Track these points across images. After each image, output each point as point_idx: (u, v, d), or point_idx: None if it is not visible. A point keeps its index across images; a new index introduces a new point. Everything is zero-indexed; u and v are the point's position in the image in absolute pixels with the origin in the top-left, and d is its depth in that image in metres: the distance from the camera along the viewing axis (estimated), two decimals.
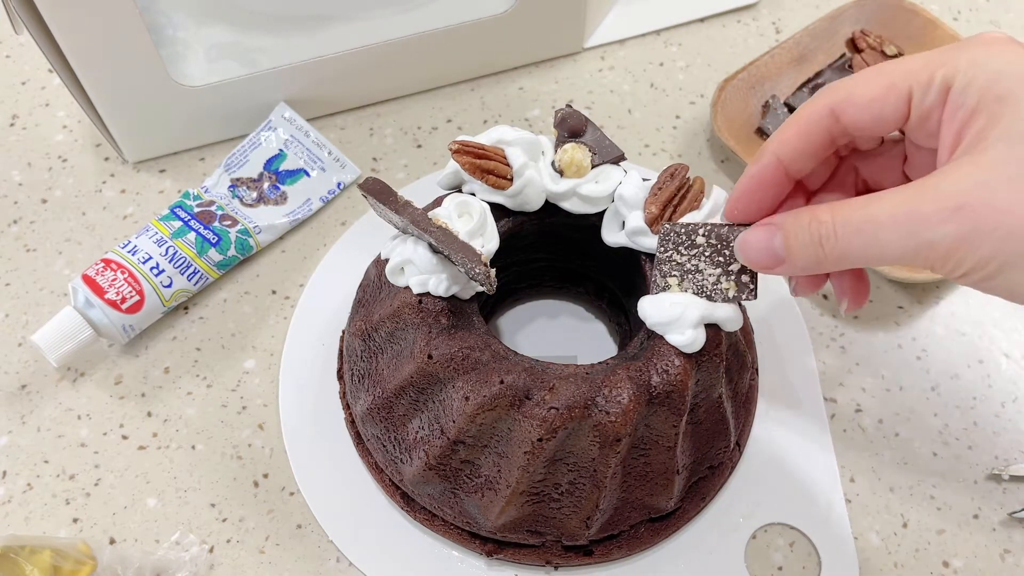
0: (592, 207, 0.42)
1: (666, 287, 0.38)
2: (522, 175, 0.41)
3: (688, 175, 0.42)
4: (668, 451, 0.41)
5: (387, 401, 0.42)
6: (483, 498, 0.41)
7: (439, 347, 0.39)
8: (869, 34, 0.61)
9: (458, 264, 0.38)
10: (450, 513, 0.43)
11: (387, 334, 0.42)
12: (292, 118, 0.57)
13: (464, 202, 0.40)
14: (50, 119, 0.60)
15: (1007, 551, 0.46)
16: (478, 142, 0.42)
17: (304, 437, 0.48)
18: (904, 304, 0.53)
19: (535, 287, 0.52)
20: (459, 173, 0.42)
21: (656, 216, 0.40)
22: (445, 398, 0.40)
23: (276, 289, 0.53)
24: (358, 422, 0.45)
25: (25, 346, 0.51)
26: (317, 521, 0.46)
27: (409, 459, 0.43)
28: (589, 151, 0.42)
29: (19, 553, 0.40)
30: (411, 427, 0.42)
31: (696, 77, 0.63)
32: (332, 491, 0.46)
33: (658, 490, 0.42)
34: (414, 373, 0.40)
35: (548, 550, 0.44)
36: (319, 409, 0.48)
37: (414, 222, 0.38)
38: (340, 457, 0.47)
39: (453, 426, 0.39)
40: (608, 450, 0.39)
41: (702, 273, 0.38)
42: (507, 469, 0.40)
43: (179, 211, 0.52)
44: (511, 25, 0.58)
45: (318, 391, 0.49)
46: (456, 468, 0.41)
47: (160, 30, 0.57)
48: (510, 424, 0.39)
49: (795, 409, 0.49)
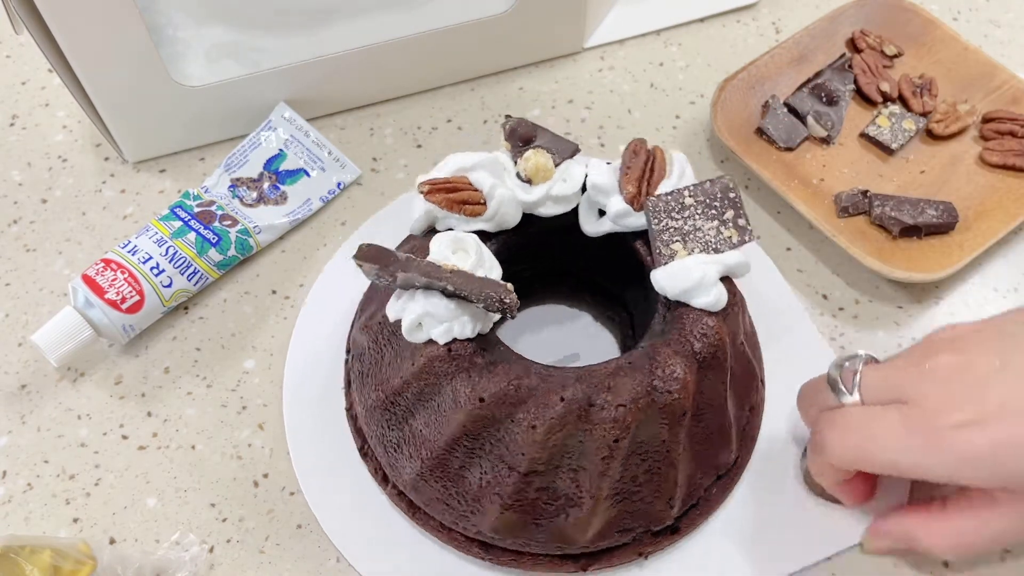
0: (566, 206, 0.43)
1: (672, 254, 0.40)
2: (494, 196, 0.41)
3: (648, 146, 0.43)
4: (721, 408, 0.42)
5: (439, 460, 0.41)
6: (568, 518, 0.41)
7: (487, 387, 0.38)
8: (869, 34, 0.61)
9: (476, 301, 0.37)
10: (537, 546, 0.42)
11: (415, 394, 0.41)
12: (292, 118, 0.57)
13: (455, 239, 0.40)
14: (50, 119, 0.60)
15: (1007, 551, 0.46)
16: (442, 176, 0.41)
17: (307, 438, 0.48)
18: (904, 304, 0.53)
19: (524, 297, 0.52)
20: (431, 213, 0.41)
21: (635, 194, 0.41)
22: (505, 435, 0.39)
23: (276, 289, 0.53)
24: (407, 491, 0.43)
25: (25, 346, 0.51)
26: (318, 522, 0.46)
27: (480, 508, 0.41)
28: (548, 153, 0.42)
29: (19, 553, 0.40)
30: (472, 477, 0.41)
31: (696, 77, 0.63)
32: (336, 497, 0.46)
33: (721, 448, 0.43)
34: (466, 422, 0.39)
35: (639, 542, 0.44)
36: (324, 411, 0.48)
37: (425, 274, 0.37)
38: (344, 461, 0.47)
39: (523, 459, 0.39)
40: (677, 428, 0.39)
41: (701, 230, 0.40)
42: (586, 481, 0.39)
43: (179, 211, 0.52)
44: (511, 25, 0.58)
45: (322, 393, 0.49)
46: (533, 499, 0.40)
47: (160, 30, 0.57)
48: (580, 437, 0.38)
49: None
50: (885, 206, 0.53)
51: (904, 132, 0.58)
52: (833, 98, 0.58)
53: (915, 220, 0.52)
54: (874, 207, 0.54)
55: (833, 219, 0.54)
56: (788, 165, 0.56)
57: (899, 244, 0.53)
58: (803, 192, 0.55)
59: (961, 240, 0.53)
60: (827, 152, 0.58)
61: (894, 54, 0.61)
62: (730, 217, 0.40)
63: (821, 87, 0.58)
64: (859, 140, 0.58)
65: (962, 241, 0.53)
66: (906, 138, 0.58)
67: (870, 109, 0.59)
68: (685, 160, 0.42)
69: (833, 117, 0.58)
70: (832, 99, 0.58)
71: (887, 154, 0.58)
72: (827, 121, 0.57)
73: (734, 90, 0.58)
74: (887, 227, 0.53)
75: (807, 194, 0.55)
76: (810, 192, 0.55)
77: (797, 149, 0.57)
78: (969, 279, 0.54)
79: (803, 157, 0.57)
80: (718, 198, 0.40)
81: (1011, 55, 0.64)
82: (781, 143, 0.57)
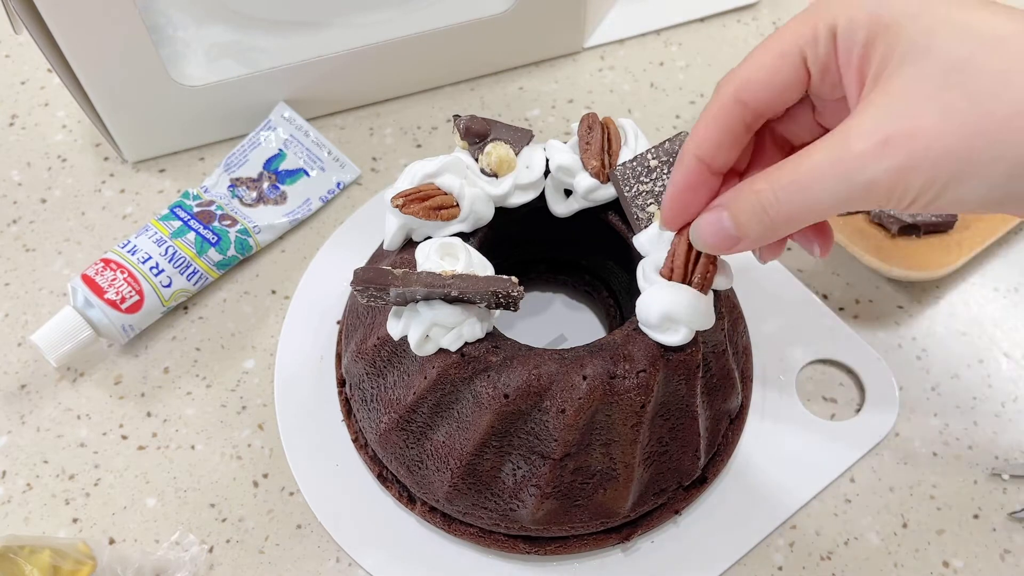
0: (533, 192, 0.43)
1: (649, 217, 0.40)
2: (465, 196, 0.41)
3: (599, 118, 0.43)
4: (724, 354, 0.43)
5: (469, 466, 0.41)
6: (605, 492, 0.41)
7: (509, 382, 0.38)
8: None
9: (480, 301, 0.37)
10: (581, 526, 0.42)
11: (432, 407, 0.40)
12: (292, 118, 0.57)
13: (442, 245, 0.39)
14: (50, 119, 0.60)
15: (1007, 551, 0.46)
16: (412, 187, 0.41)
17: (302, 436, 0.48)
18: (904, 304, 0.53)
19: None
20: (406, 226, 0.41)
21: (599, 167, 0.42)
22: (534, 426, 0.39)
23: (276, 289, 0.53)
24: (441, 504, 0.43)
25: (25, 346, 0.51)
26: (318, 521, 0.46)
27: (519, 504, 0.41)
28: (507, 144, 0.43)
29: (19, 553, 0.40)
30: (505, 475, 0.41)
31: (696, 77, 0.63)
32: (336, 497, 0.46)
33: (729, 393, 0.44)
34: (493, 422, 0.39)
35: (672, 501, 0.44)
36: (318, 408, 0.48)
37: (427, 285, 0.37)
38: (339, 456, 0.47)
39: (556, 445, 0.39)
40: (693, 381, 0.40)
41: None
42: (618, 452, 0.40)
43: (179, 211, 0.52)
44: (511, 25, 0.58)
45: (315, 388, 0.49)
46: (569, 482, 0.40)
47: (160, 30, 0.57)
48: (607, 411, 0.39)
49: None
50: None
51: None
52: None
53: (914, 219, 0.52)
54: None
55: (832, 218, 0.54)
56: None
57: (898, 243, 0.53)
58: None
59: (960, 239, 0.53)
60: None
61: None
62: None
63: None
64: None
65: (961, 240, 0.53)
66: None
67: None
68: (635, 125, 0.43)
69: None
70: None
71: None
72: None
73: None
74: (886, 225, 0.53)
75: None
76: None
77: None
78: (969, 278, 0.54)
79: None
80: (678, 154, 0.41)
81: None
82: None
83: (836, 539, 0.46)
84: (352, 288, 0.37)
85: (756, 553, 0.46)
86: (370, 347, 0.42)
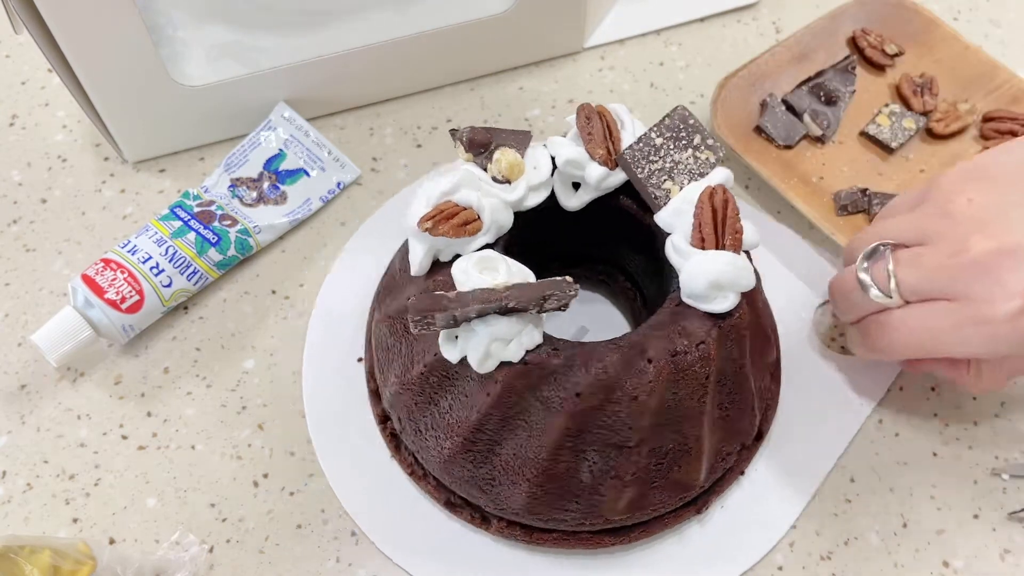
0: (544, 192, 0.43)
1: (667, 193, 0.41)
2: (485, 207, 0.40)
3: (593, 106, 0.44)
4: (760, 313, 0.45)
5: (547, 472, 0.40)
6: (680, 469, 0.42)
7: (579, 381, 0.38)
8: (870, 33, 0.61)
9: (534, 308, 0.37)
10: (660, 506, 0.43)
11: (499, 423, 0.40)
12: (292, 118, 0.57)
13: (480, 260, 0.39)
14: (50, 119, 0.60)
15: (1007, 551, 0.46)
16: (436, 208, 0.40)
17: (354, 481, 0.47)
18: None
19: None
20: (432, 249, 0.41)
21: (606, 155, 0.42)
22: (607, 419, 0.39)
23: (276, 289, 0.53)
24: (522, 516, 0.43)
25: (25, 346, 0.51)
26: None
27: (600, 499, 0.41)
28: (512, 148, 0.43)
29: (19, 553, 0.40)
30: (583, 473, 0.40)
31: (696, 77, 0.63)
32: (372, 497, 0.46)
33: (767, 349, 0.46)
34: (567, 424, 0.39)
35: (737, 462, 0.46)
36: (365, 447, 0.48)
37: (483, 301, 0.36)
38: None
39: (632, 433, 0.39)
40: (743, 344, 0.41)
41: (681, 162, 0.42)
42: (689, 428, 0.40)
43: (179, 211, 0.52)
44: (511, 25, 0.58)
45: (354, 427, 0.48)
46: (645, 466, 0.41)
47: (160, 30, 0.57)
48: (674, 388, 0.39)
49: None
50: (884, 204, 0.53)
51: (904, 131, 0.58)
52: (832, 98, 0.58)
53: None
54: (873, 205, 0.54)
55: (832, 217, 0.54)
56: (787, 163, 0.56)
57: None
58: (802, 190, 0.55)
59: None
60: (826, 150, 0.58)
61: (895, 53, 0.61)
62: (699, 141, 0.42)
63: (821, 86, 0.58)
64: (859, 138, 0.58)
65: None
66: (906, 137, 0.57)
67: (870, 109, 0.59)
68: (626, 109, 0.44)
69: (830, 116, 0.58)
70: (831, 99, 0.58)
71: (887, 153, 0.58)
72: (823, 120, 0.57)
73: (734, 88, 0.58)
74: None
75: (806, 192, 0.55)
76: (809, 190, 0.55)
77: (796, 147, 0.57)
78: None
79: (802, 155, 0.57)
80: (681, 128, 0.42)
81: (1011, 55, 0.64)
82: (780, 141, 0.57)
83: (836, 539, 0.46)
84: (410, 320, 0.36)
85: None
86: (415, 377, 0.42)
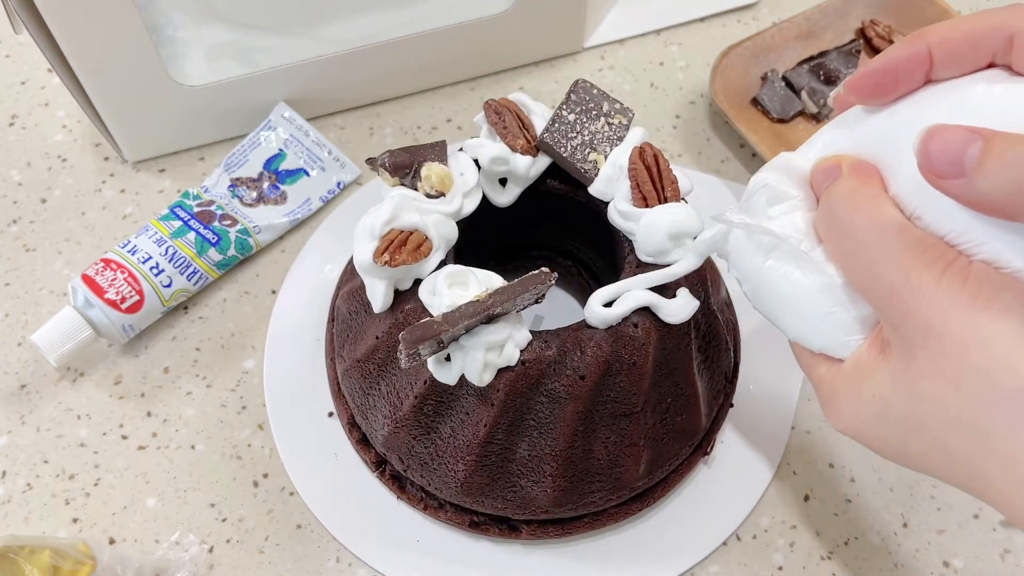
0: (477, 195, 0.43)
1: (595, 164, 0.42)
2: (430, 226, 0.40)
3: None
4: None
5: (566, 462, 0.40)
6: (684, 418, 0.43)
7: (579, 366, 0.38)
8: (879, 23, 0.61)
9: (515, 308, 0.37)
10: (674, 458, 0.44)
11: (508, 428, 0.40)
12: (292, 118, 0.57)
13: (446, 276, 0.38)
14: (50, 119, 0.60)
15: (1007, 551, 0.46)
16: (384, 239, 0.39)
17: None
18: None
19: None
20: (391, 281, 0.40)
21: (528, 144, 0.43)
22: (611, 393, 0.40)
23: (276, 289, 0.53)
24: (551, 510, 0.43)
25: (25, 346, 0.51)
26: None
27: (621, 472, 0.42)
28: (436, 161, 0.42)
29: (18, 553, 0.40)
30: (599, 452, 0.41)
31: (696, 77, 0.63)
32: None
33: (720, 283, 0.47)
34: (578, 408, 0.39)
35: (726, 400, 0.47)
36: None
37: (471, 315, 0.36)
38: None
39: (636, 399, 0.40)
40: (706, 283, 0.42)
41: (598, 132, 0.43)
42: (682, 378, 0.42)
43: (179, 211, 0.52)
44: (511, 25, 0.58)
45: (338, 478, 0.47)
46: (652, 425, 0.42)
47: (160, 30, 0.57)
48: (663, 344, 0.40)
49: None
50: None
51: None
52: (832, 78, 0.58)
53: None
54: None
55: None
56: (779, 134, 0.57)
57: None
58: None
59: None
60: (819, 128, 0.58)
61: None
62: (608, 108, 0.43)
63: (822, 66, 0.59)
64: None
65: None
66: None
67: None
68: (527, 96, 0.44)
69: (827, 95, 0.58)
70: (831, 79, 0.58)
71: None
72: (820, 99, 0.58)
73: (737, 57, 0.58)
74: None
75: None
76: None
77: (790, 122, 0.58)
78: None
79: (795, 129, 0.58)
80: (589, 100, 0.43)
81: None
82: (775, 114, 0.58)
83: (836, 539, 0.46)
84: (404, 354, 0.35)
85: (756, 553, 0.46)
86: (408, 412, 0.41)
